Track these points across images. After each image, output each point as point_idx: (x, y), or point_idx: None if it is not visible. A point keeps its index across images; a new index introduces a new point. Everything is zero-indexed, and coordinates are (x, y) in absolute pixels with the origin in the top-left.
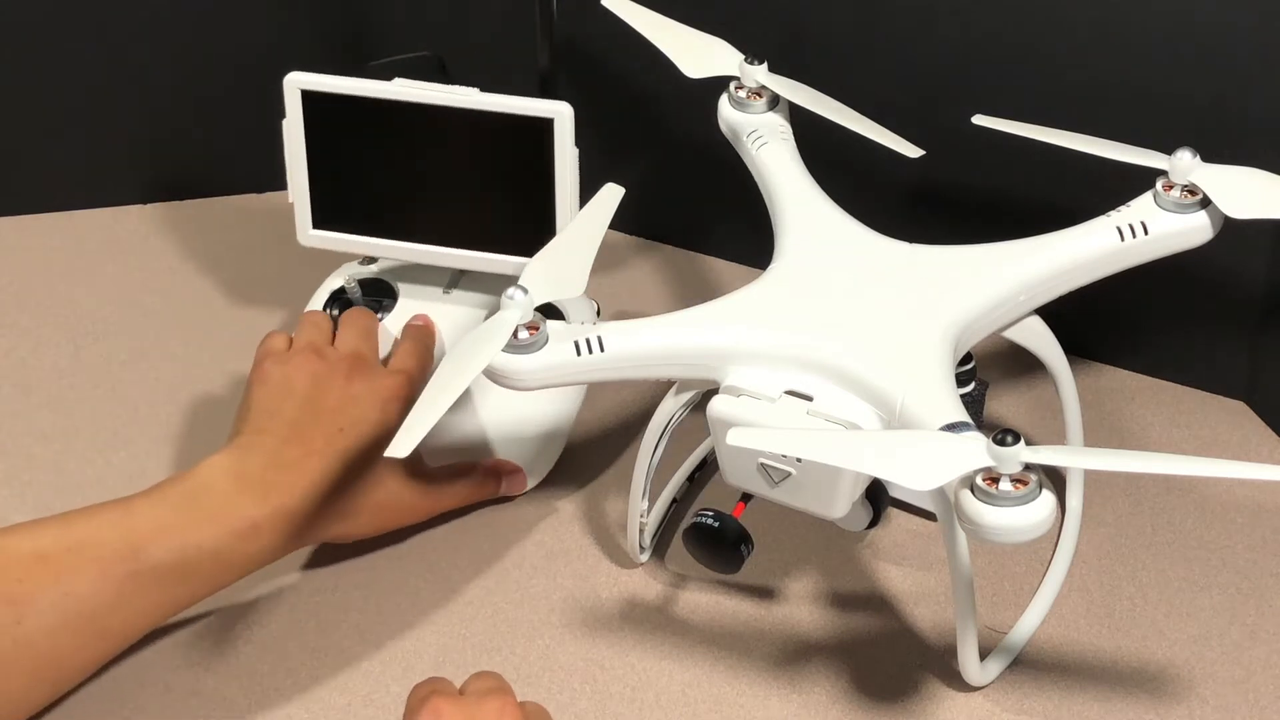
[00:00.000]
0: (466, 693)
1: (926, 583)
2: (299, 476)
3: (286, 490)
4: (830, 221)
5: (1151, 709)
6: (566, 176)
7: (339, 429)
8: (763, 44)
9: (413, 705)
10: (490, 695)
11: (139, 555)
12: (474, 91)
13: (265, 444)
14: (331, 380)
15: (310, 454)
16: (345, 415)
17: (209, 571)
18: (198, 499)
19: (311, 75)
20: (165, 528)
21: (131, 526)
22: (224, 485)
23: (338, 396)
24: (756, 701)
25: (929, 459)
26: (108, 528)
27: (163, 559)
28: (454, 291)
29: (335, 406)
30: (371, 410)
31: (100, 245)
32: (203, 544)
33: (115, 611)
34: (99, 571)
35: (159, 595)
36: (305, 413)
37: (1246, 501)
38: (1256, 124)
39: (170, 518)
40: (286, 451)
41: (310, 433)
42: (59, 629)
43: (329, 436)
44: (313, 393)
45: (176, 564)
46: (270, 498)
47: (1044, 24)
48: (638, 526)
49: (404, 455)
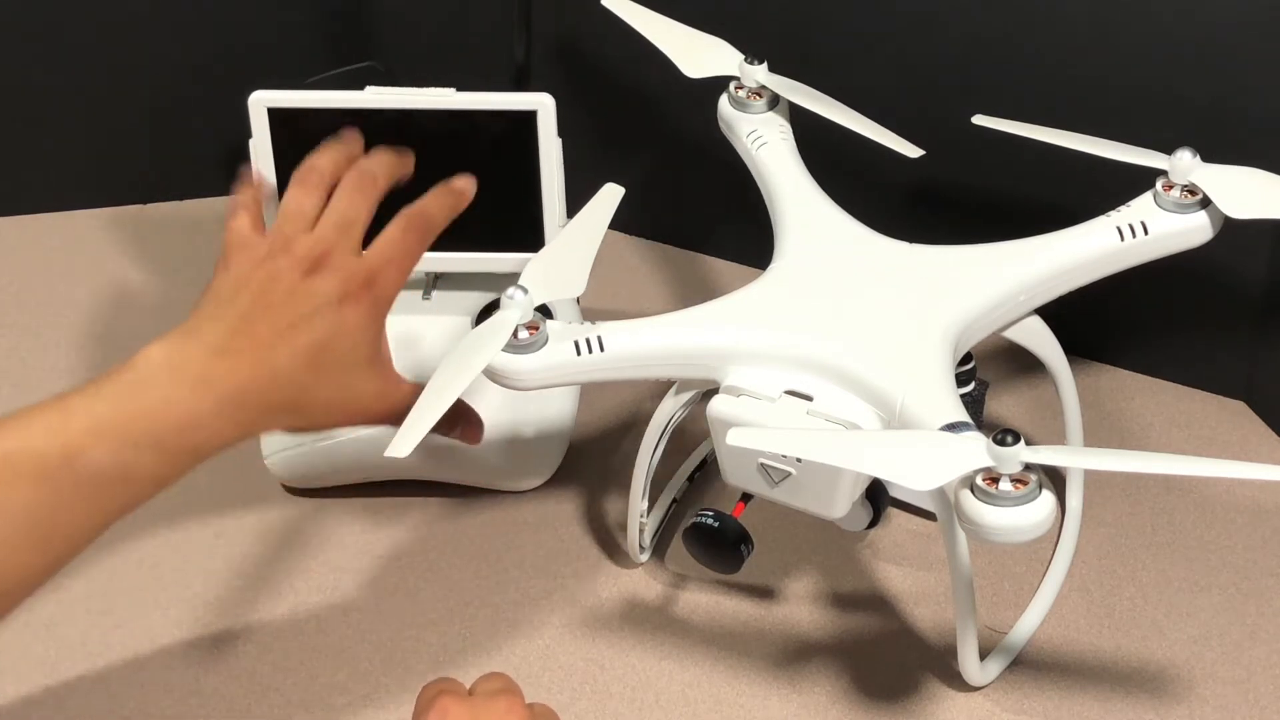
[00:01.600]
0: (475, 693)
1: (926, 583)
2: (243, 366)
3: (229, 379)
4: (830, 221)
5: (1151, 709)
6: (552, 169)
7: (289, 323)
8: (763, 44)
9: (421, 705)
10: (498, 695)
11: (75, 461)
12: (450, 92)
13: (212, 331)
14: (291, 274)
15: (258, 345)
16: (297, 310)
17: (151, 469)
18: (137, 392)
19: (277, 93)
20: (103, 428)
21: (68, 430)
22: (162, 377)
23: (294, 291)
24: (756, 701)
25: (929, 459)
26: (41, 435)
27: (102, 464)
28: (434, 295)
29: (288, 301)
30: (328, 308)
31: (100, 245)
32: (142, 441)
33: (57, 521)
34: (34, 483)
35: (102, 500)
36: (258, 304)
37: (1246, 501)
38: (1256, 124)
39: (108, 415)
40: (233, 341)
41: (259, 325)
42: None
43: (279, 330)
44: (269, 285)
45: (117, 466)
46: (212, 387)
47: (1044, 24)
48: (638, 526)
49: (404, 455)
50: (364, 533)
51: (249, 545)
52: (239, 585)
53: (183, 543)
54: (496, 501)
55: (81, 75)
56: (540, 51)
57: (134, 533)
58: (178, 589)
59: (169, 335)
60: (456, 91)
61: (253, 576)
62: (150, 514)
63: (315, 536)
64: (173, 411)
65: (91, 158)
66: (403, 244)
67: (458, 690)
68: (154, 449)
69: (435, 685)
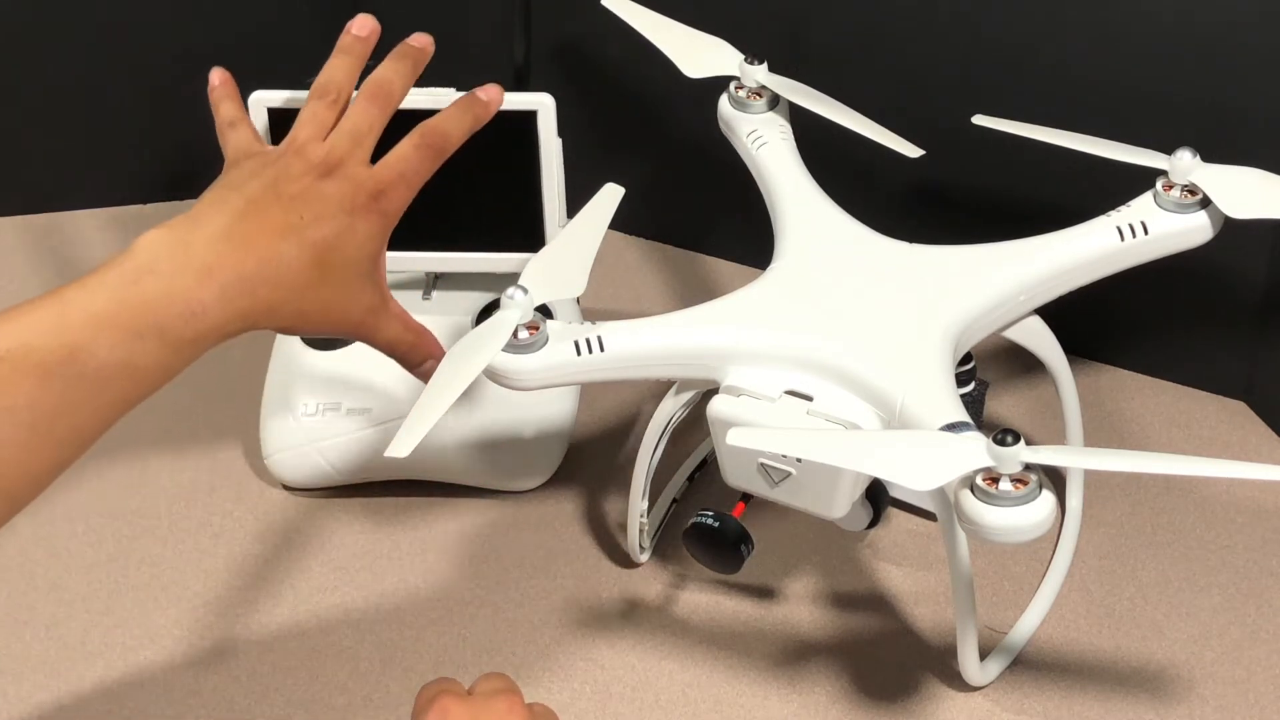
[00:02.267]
0: (475, 693)
1: (926, 583)
2: (250, 254)
3: (234, 266)
4: (830, 221)
5: (1151, 709)
6: (552, 168)
7: (300, 218)
8: (763, 44)
9: (421, 705)
10: (498, 695)
11: (79, 357)
12: (450, 92)
13: (217, 217)
14: (304, 176)
15: (265, 232)
16: (309, 208)
17: (155, 360)
18: (138, 282)
19: (277, 93)
20: (104, 321)
21: (67, 325)
22: (166, 265)
23: (306, 190)
24: (756, 701)
25: (929, 459)
26: (42, 331)
27: (105, 358)
28: (434, 295)
29: (300, 198)
30: (338, 212)
31: (100, 245)
32: (146, 333)
33: (61, 418)
34: (37, 380)
35: (107, 394)
36: (268, 195)
37: (1246, 501)
38: (1256, 124)
39: (110, 309)
40: (239, 226)
41: (269, 213)
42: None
43: (289, 223)
44: (280, 181)
45: (121, 360)
46: (216, 274)
47: (1044, 24)
48: (638, 526)
49: (404, 455)
50: (364, 533)
51: (249, 545)
52: (239, 585)
53: (183, 543)
54: (496, 501)
55: (81, 75)
56: (540, 51)
57: (134, 533)
58: (178, 589)
59: (169, 223)
60: (456, 91)
61: (253, 576)
62: (150, 514)
63: (315, 536)
64: (176, 300)
65: (91, 158)
66: (414, 160)
67: (457, 690)
68: (158, 339)
69: (434, 685)
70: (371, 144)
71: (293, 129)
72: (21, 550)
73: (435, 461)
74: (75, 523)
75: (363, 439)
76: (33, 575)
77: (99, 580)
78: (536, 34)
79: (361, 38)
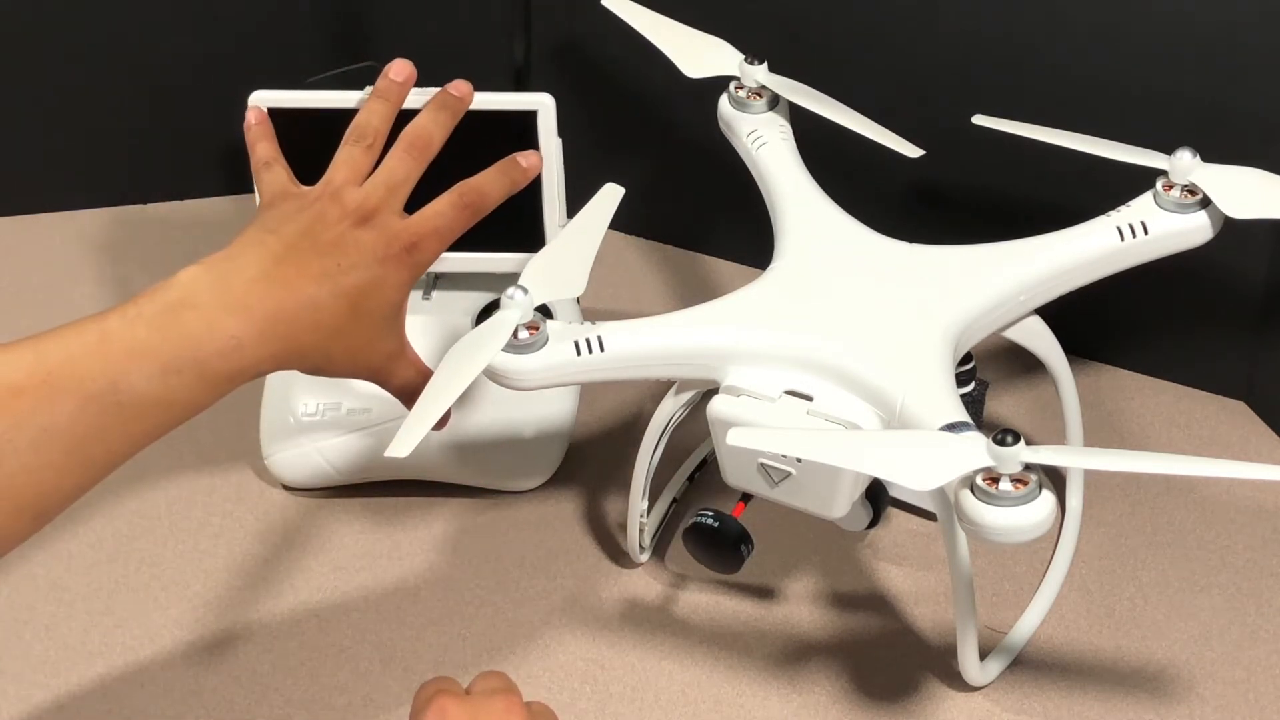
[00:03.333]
0: (473, 692)
1: (926, 583)
2: (288, 296)
3: (274, 308)
4: (830, 221)
5: (1151, 709)
6: (553, 168)
7: (337, 264)
8: (763, 44)
9: (419, 705)
10: (496, 695)
11: (118, 386)
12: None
13: (257, 257)
14: (340, 223)
15: (304, 277)
16: (345, 255)
17: (191, 394)
18: (178, 316)
19: (277, 93)
20: (144, 352)
21: (108, 353)
22: (206, 299)
23: (342, 237)
24: (756, 701)
25: (929, 459)
26: (84, 356)
27: (144, 389)
28: (434, 295)
29: (335, 243)
30: (372, 262)
31: (100, 245)
32: (184, 368)
33: (98, 441)
34: (78, 404)
35: (141, 423)
36: (305, 239)
37: (1246, 501)
38: (1256, 124)
39: (149, 340)
40: (278, 270)
41: (307, 258)
42: (40, 466)
43: (325, 269)
44: (317, 226)
45: (158, 391)
46: (255, 313)
47: (1044, 24)
48: (638, 526)
49: (404, 455)
50: (364, 533)
51: (249, 545)
52: (239, 585)
53: (183, 543)
54: (496, 501)
55: (81, 75)
56: (540, 51)
57: (134, 532)
58: (178, 589)
59: (207, 260)
60: None
61: (253, 576)
62: (150, 514)
63: (315, 536)
64: (216, 336)
65: (91, 158)
66: (449, 216)
67: (455, 690)
68: (195, 374)
69: (432, 684)
70: (406, 194)
71: (329, 171)
72: (21, 551)
73: (435, 461)
74: (75, 523)
75: (363, 439)
76: (33, 575)
77: (99, 580)
78: (536, 34)
79: (398, 83)
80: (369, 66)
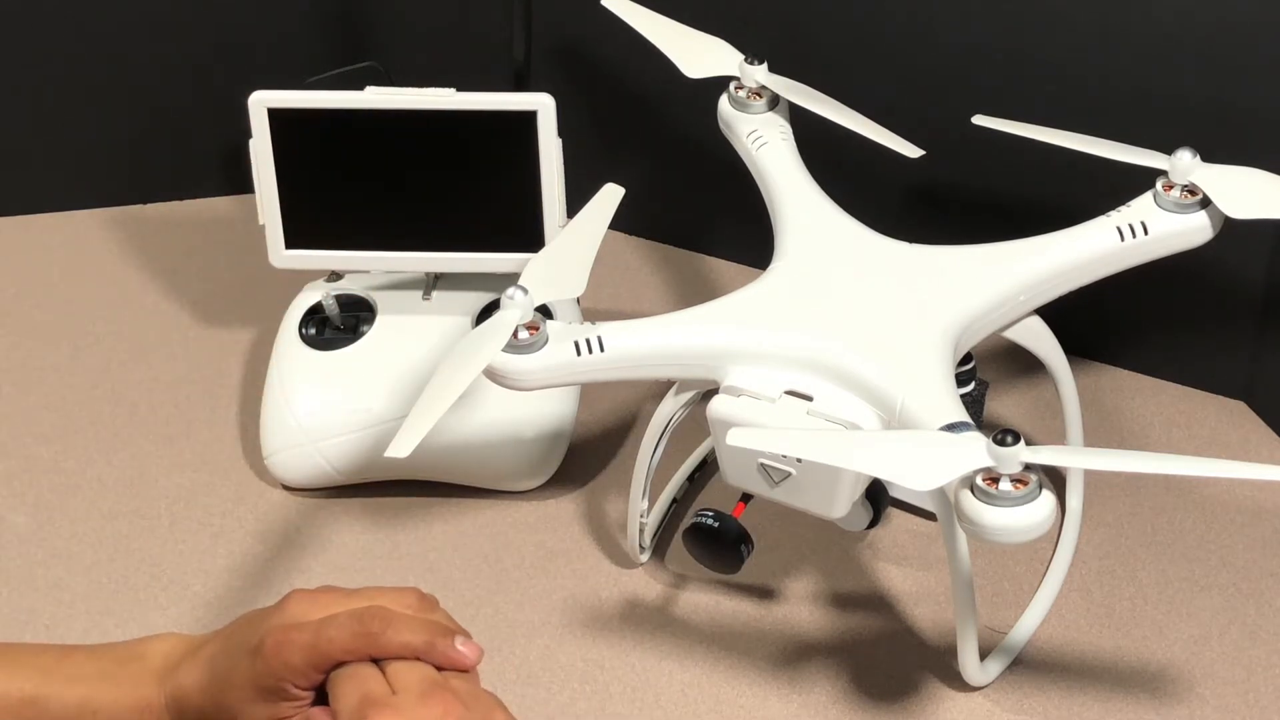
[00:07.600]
0: (399, 690)
1: (926, 583)
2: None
3: (210, 706)
4: (830, 221)
5: (1151, 709)
6: (553, 168)
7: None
8: (763, 44)
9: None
10: (430, 698)
11: (38, 703)
12: (450, 92)
13: (227, 674)
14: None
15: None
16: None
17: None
18: (126, 663)
19: (277, 93)
20: (78, 678)
21: (47, 671)
22: (156, 661)
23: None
24: (756, 701)
25: (929, 459)
26: (25, 679)
27: (59, 713)
28: (434, 295)
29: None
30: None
31: (100, 245)
32: (100, 709)
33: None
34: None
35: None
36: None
37: (1246, 501)
38: (1256, 124)
39: (87, 671)
40: (229, 694)
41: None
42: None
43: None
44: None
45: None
46: (179, 694)
47: (1044, 24)
48: (638, 526)
49: (404, 455)
50: (364, 533)
51: (249, 545)
52: (239, 585)
53: (183, 543)
54: (496, 501)
55: (81, 75)
56: (540, 51)
57: (134, 533)
58: (178, 589)
59: (195, 651)
60: (456, 91)
61: (253, 576)
62: (150, 514)
63: (315, 536)
64: (138, 691)
65: (91, 158)
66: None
67: (381, 694)
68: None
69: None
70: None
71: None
72: (21, 551)
73: (435, 461)
74: (75, 523)
75: (363, 439)
76: (33, 575)
77: (99, 580)
78: (536, 34)
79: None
80: (369, 66)
